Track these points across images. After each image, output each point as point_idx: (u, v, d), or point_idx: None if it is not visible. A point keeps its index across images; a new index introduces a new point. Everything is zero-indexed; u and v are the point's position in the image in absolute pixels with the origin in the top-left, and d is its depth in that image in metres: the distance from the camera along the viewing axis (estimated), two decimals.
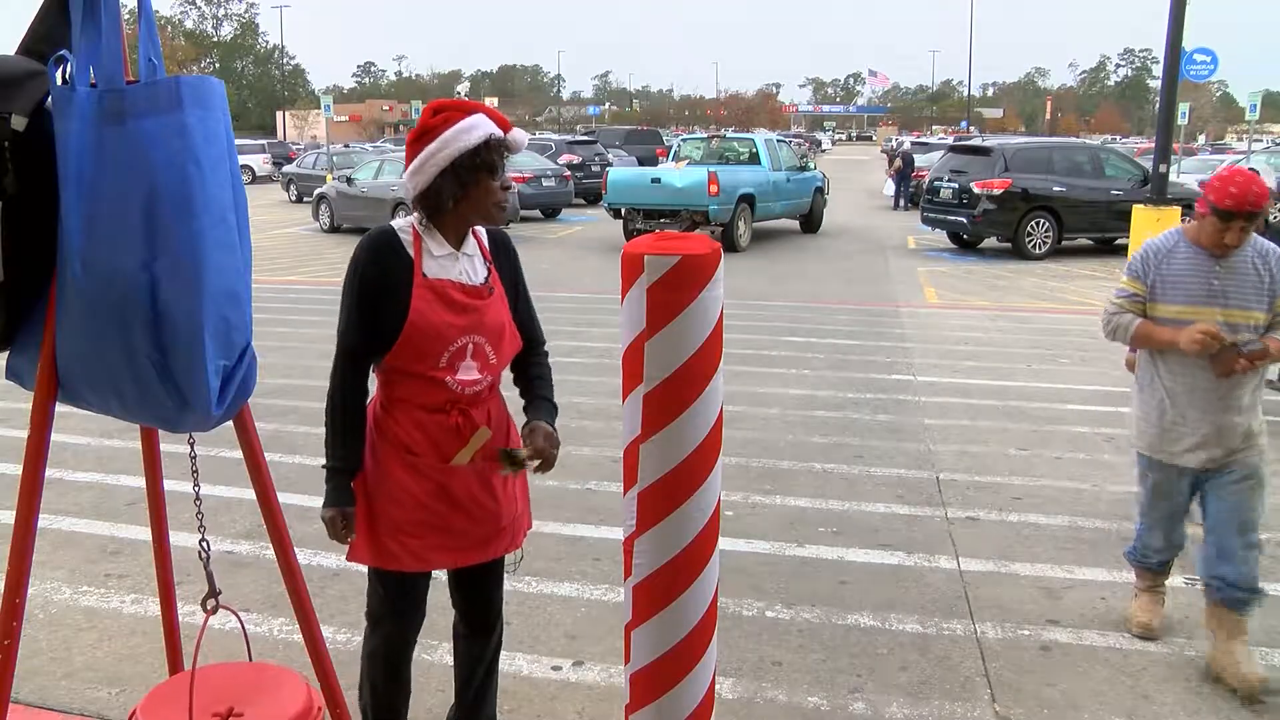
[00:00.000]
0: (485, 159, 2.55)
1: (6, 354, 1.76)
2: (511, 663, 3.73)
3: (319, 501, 2.47)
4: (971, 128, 79.27)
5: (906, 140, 41.16)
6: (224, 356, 1.67)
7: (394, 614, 2.81)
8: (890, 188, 28.39)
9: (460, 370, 2.63)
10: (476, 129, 2.54)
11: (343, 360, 2.60)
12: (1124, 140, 57.45)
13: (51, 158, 1.59)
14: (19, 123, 1.59)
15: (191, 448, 2.01)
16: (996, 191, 16.63)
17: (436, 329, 2.57)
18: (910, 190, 26.87)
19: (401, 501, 2.65)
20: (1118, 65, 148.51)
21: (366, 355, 2.61)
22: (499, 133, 2.56)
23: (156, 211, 1.57)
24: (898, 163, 28.29)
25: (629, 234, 18.03)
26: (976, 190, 16.80)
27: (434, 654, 3.71)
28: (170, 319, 1.60)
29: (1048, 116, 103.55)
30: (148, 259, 1.58)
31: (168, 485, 2.73)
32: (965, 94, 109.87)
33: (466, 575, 2.89)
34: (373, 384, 2.66)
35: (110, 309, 1.60)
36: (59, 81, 1.60)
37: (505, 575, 2.98)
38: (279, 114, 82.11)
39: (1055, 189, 16.70)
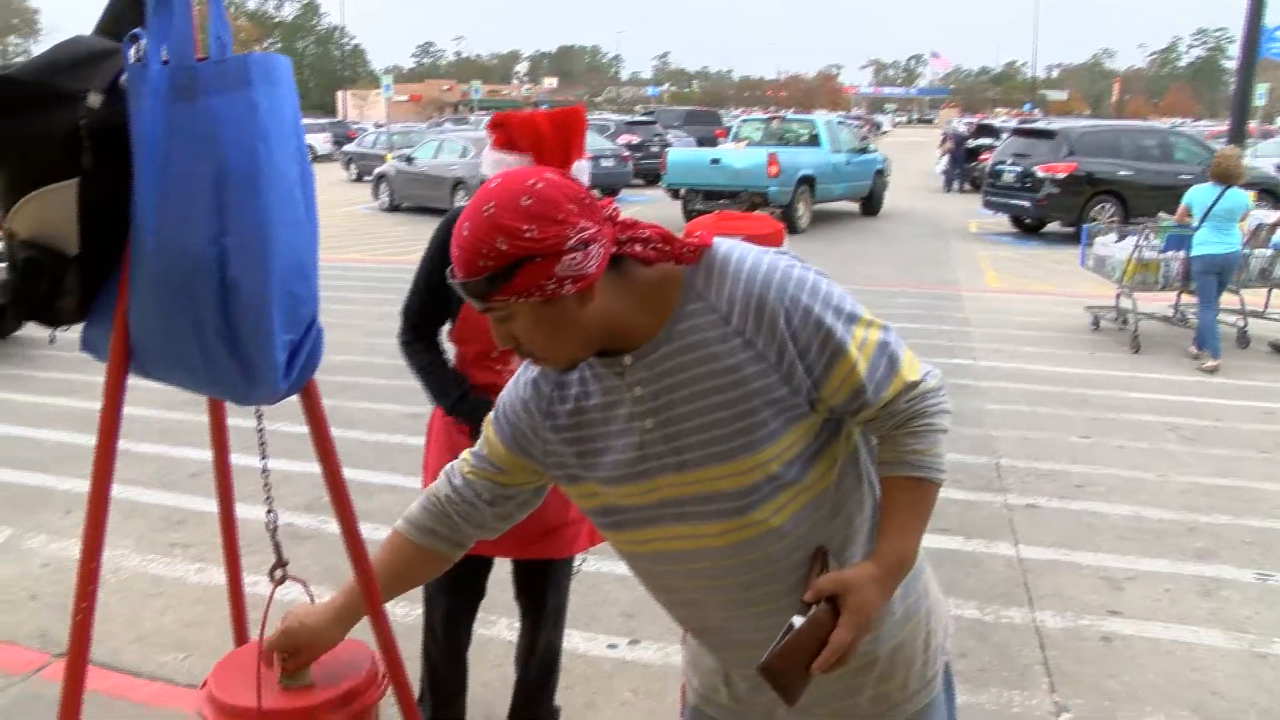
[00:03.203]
0: None
1: (82, 326, 1.80)
2: (568, 640, 3.74)
3: (377, 477, 2.52)
4: (1035, 110, 77.84)
5: (959, 122, 40.37)
6: (291, 330, 1.68)
7: (451, 593, 2.86)
8: (942, 165, 27.97)
9: (514, 363, 2.64)
10: (494, 170, 2.43)
11: (404, 332, 2.75)
12: (1194, 123, 56.17)
13: (126, 135, 1.62)
14: (95, 100, 1.61)
15: (259, 420, 2.04)
16: (1061, 175, 16.33)
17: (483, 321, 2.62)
18: (960, 172, 26.46)
19: None
20: (1190, 46, 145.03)
21: (425, 325, 2.74)
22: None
23: (225, 187, 1.58)
24: (948, 143, 27.81)
25: (688, 214, 17.98)
26: (1040, 174, 16.50)
27: (492, 629, 3.75)
28: (238, 293, 1.62)
29: (1114, 99, 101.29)
30: (217, 234, 1.60)
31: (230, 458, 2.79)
32: (1029, 76, 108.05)
33: (526, 567, 2.93)
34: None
35: (180, 283, 1.63)
36: (132, 59, 1.62)
37: (568, 573, 3.03)
38: (339, 94, 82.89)
39: (1121, 173, 16.35)
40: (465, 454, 1.73)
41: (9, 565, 4.47)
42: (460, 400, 2.69)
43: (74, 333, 1.85)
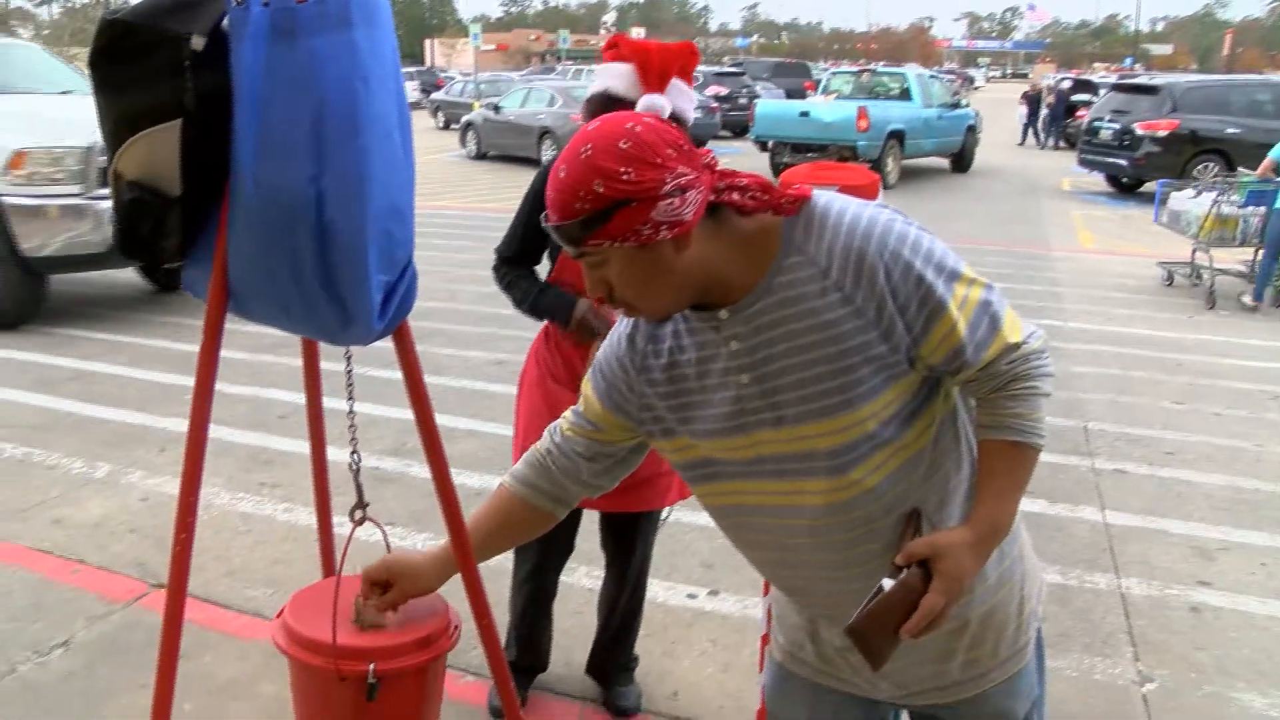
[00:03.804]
0: (588, 116, 2.48)
1: (183, 266, 1.84)
2: (647, 589, 3.78)
3: (463, 422, 2.55)
4: (1136, 65, 75.15)
5: (1051, 77, 39.12)
6: (386, 271, 1.70)
7: (539, 546, 2.88)
8: (1022, 117, 27.33)
9: (608, 312, 2.65)
10: (601, 78, 2.52)
11: (499, 266, 2.81)
12: None
13: (227, 76, 1.64)
14: (198, 42, 1.64)
15: (348, 363, 2.07)
16: (1162, 133, 15.74)
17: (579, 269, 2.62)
18: (1056, 129, 25.73)
19: (540, 428, 2.68)
20: None
21: (520, 264, 2.79)
22: (616, 90, 2.49)
23: (324, 128, 1.60)
24: (1048, 96, 27.13)
25: (775, 167, 17.80)
26: (1140, 131, 15.93)
27: (572, 576, 3.78)
28: (335, 233, 1.64)
29: (1225, 52, 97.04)
30: (315, 174, 1.61)
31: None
32: (1131, 30, 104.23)
33: (615, 518, 2.96)
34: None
35: (278, 223, 1.65)
36: (234, 2, 1.63)
37: (655, 525, 3.04)
38: (427, 42, 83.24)
39: (1229, 130, 15.67)
40: (567, 411, 1.74)
41: (109, 499, 4.63)
42: (541, 294, 2.73)
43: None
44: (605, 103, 2.45)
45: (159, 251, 1.78)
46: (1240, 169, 9.48)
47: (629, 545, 2.98)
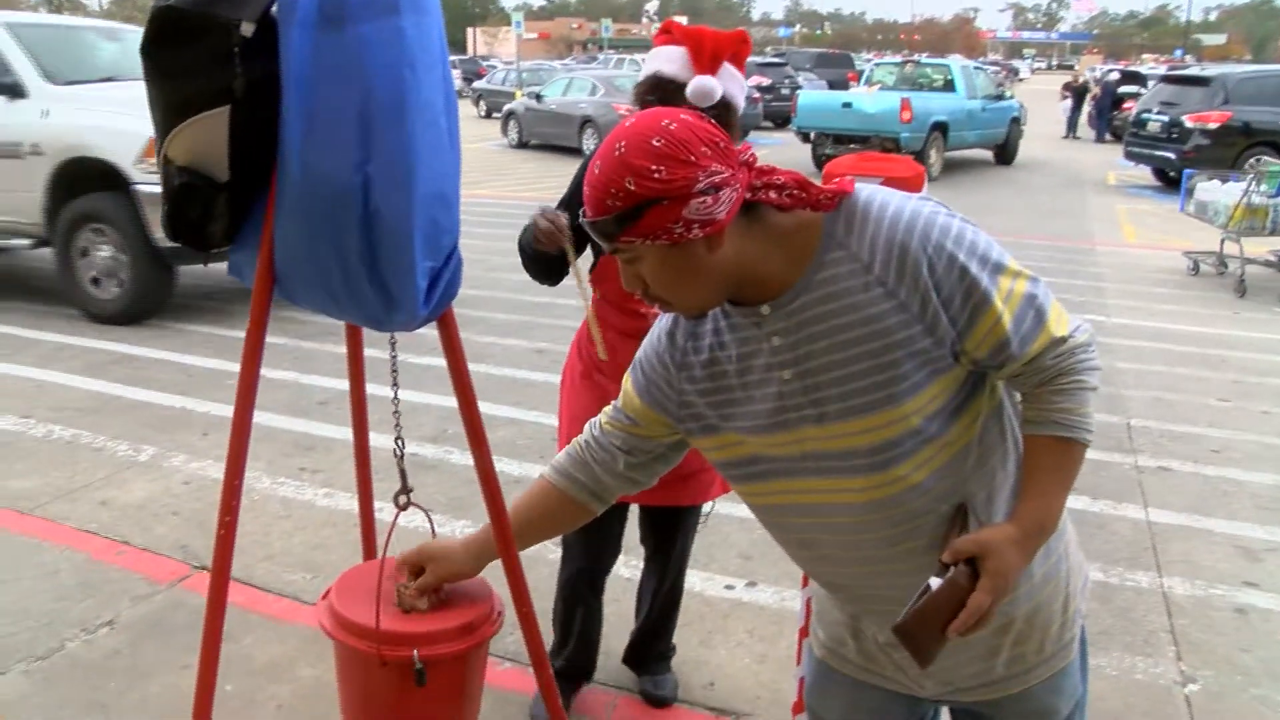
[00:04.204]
0: (644, 99, 2.45)
1: (230, 251, 1.86)
2: (685, 579, 3.78)
3: (503, 410, 2.55)
4: (1186, 57, 73.94)
5: (1099, 69, 38.61)
6: (432, 258, 1.71)
7: (583, 545, 2.87)
8: (1066, 109, 26.98)
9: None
10: (653, 61, 2.47)
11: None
12: None
13: (276, 63, 1.65)
14: (248, 29, 1.65)
15: (393, 349, 2.08)
16: (1212, 125, 15.43)
17: None
18: (1102, 122, 25.40)
19: (584, 424, 2.64)
20: None
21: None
22: (667, 73, 2.43)
23: (371, 115, 1.61)
24: (1068, 80, 26.88)
25: (817, 158, 17.72)
26: (1189, 124, 15.62)
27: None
28: (381, 220, 1.65)
29: None
30: (361, 161, 1.62)
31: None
32: (1183, 19, 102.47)
33: (657, 511, 2.93)
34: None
35: (325, 209, 1.66)
36: None
37: (696, 520, 3.01)
38: (469, 30, 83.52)
39: None
40: (607, 405, 1.74)
41: (153, 482, 4.70)
42: (525, 231, 2.59)
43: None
44: (656, 85, 2.43)
45: (207, 236, 1.80)
46: (1266, 158, 9.46)
47: (670, 540, 2.97)
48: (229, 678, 3.14)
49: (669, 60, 2.43)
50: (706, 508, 2.97)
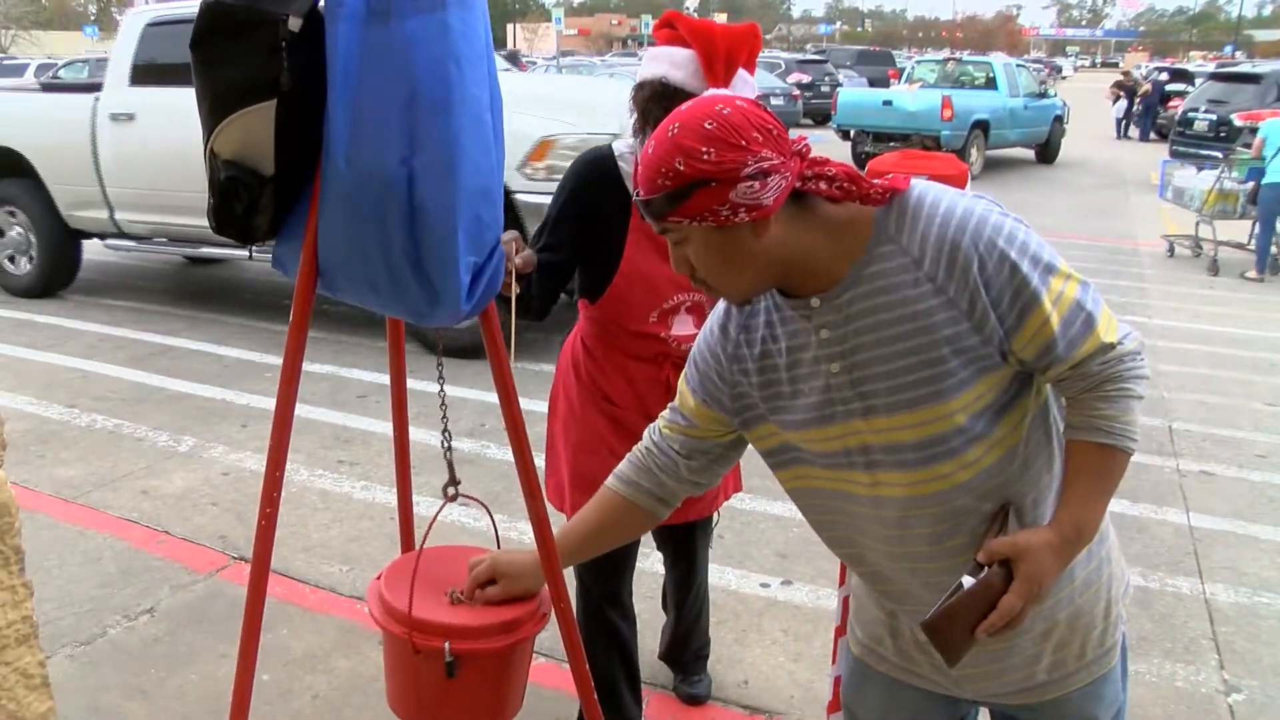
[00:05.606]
0: (647, 108, 2.21)
1: (274, 244, 1.87)
2: (721, 576, 3.78)
3: (539, 405, 2.54)
4: (1237, 54, 72.74)
5: (1145, 66, 37.90)
6: (475, 253, 1.71)
7: (596, 573, 2.67)
8: (1119, 110, 26.42)
9: (675, 325, 2.45)
10: (656, 63, 2.21)
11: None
12: None
13: (322, 57, 1.66)
14: (295, 24, 1.66)
15: (439, 345, 2.09)
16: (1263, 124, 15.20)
17: (649, 280, 2.38)
18: (1148, 121, 25.00)
19: (596, 451, 2.53)
20: None
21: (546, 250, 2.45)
22: (674, 80, 2.17)
23: (416, 109, 1.61)
24: (1142, 89, 26.20)
25: (857, 156, 17.62)
26: (1238, 122, 15.37)
27: (645, 561, 3.79)
28: (425, 214, 1.65)
29: None
30: (406, 155, 1.63)
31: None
32: (1232, 15, 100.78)
33: (665, 531, 2.88)
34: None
35: (369, 203, 1.67)
36: None
37: (709, 532, 2.99)
38: (509, 26, 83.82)
39: None
40: (664, 410, 1.75)
41: (193, 473, 4.75)
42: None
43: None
44: (660, 93, 2.18)
45: (251, 229, 1.81)
46: (1239, 147, 10.05)
47: (687, 554, 2.95)
48: (266, 668, 3.17)
49: (677, 66, 2.19)
50: (714, 518, 2.91)
